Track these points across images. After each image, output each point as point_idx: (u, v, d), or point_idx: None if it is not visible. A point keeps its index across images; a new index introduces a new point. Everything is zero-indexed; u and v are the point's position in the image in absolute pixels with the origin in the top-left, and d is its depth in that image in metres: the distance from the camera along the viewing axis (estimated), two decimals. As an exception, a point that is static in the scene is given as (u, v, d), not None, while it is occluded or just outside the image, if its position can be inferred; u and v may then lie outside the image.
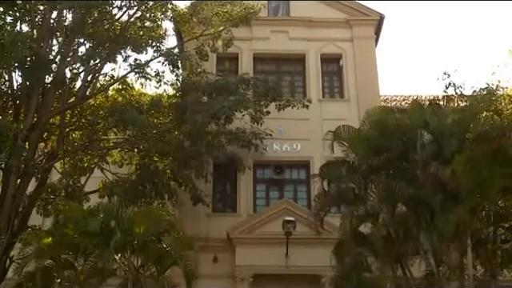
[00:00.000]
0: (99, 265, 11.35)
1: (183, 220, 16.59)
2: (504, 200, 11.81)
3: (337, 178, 13.33)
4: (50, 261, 12.16)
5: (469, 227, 11.21)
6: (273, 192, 19.03)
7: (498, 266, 12.23)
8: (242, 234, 17.10)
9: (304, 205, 17.96)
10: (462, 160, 10.91)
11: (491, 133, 11.47)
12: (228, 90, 16.05)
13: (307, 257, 16.22)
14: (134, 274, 12.12)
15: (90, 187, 16.51)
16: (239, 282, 16.59)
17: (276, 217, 16.91)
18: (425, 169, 11.62)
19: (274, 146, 18.98)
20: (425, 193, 11.46)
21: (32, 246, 12.02)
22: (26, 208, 14.76)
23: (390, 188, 11.92)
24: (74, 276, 12.16)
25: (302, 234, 16.11)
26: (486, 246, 11.98)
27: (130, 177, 16.54)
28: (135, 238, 11.98)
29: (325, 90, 20.63)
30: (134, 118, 14.80)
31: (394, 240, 12.50)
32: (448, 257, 11.28)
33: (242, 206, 18.53)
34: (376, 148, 12.57)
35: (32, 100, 14.86)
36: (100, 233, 11.90)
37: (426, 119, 12.41)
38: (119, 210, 12.51)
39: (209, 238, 17.27)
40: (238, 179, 18.81)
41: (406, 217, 12.50)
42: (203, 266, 16.30)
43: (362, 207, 12.64)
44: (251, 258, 16.57)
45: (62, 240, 12.03)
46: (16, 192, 14.03)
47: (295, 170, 19.37)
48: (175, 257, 12.17)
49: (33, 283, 11.69)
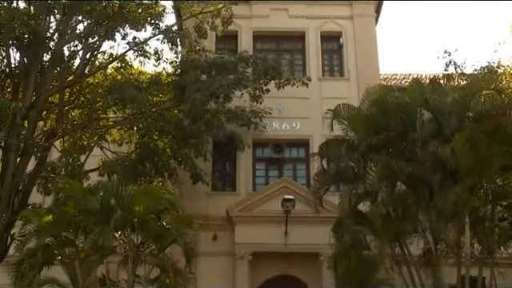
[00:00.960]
0: (99, 242, 11.42)
1: (183, 198, 16.67)
2: (502, 178, 11.84)
3: (336, 156, 13.33)
4: (51, 238, 12.24)
5: (467, 205, 11.26)
6: (272, 170, 19.10)
7: (495, 243, 12.32)
8: (241, 212, 17.19)
9: (303, 183, 18.03)
10: (461, 138, 10.91)
11: (491, 111, 11.45)
12: (227, 69, 15.95)
13: (306, 235, 16.34)
14: (134, 251, 12.22)
15: (90, 166, 16.54)
16: (238, 259, 16.73)
17: (275, 195, 16.98)
18: (424, 147, 11.63)
19: (274, 125, 18.96)
20: (424, 171, 11.49)
21: (33, 224, 12.10)
22: (26, 186, 14.80)
23: (389, 166, 11.93)
24: (74, 253, 12.26)
25: (301, 212, 16.20)
26: (483, 224, 12.06)
27: (129, 155, 16.55)
28: (135, 216, 12.05)
29: (324, 68, 20.53)
30: (133, 97, 14.74)
31: (392, 218, 12.56)
32: (446, 235, 11.36)
33: (241, 185, 18.60)
34: (375, 127, 12.56)
35: (30, 78, 14.77)
36: (100, 211, 11.98)
37: (426, 98, 12.37)
38: (119, 188, 12.57)
39: (208, 216, 17.38)
40: (238, 158, 18.85)
41: (404, 195, 12.55)
42: (203, 243, 16.49)
43: (361, 186, 12.68)
44: (250, 236, 16.68)
45: (63, 218, 12.11)
46: (16, 170, 14.05)
47: (294, 149, 19.39)
48: (175, 235, 12.25)
49: (34, 260, 11.79)
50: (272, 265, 17.16)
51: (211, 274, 16.85)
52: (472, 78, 13.63)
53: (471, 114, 12.09)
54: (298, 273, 17.21)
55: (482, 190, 11.75)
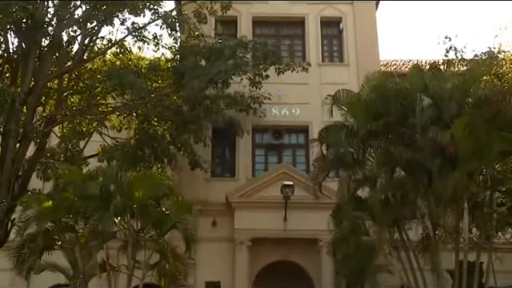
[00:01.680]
0: (99, 228, 11.47)
1: (182, 184, 16.70)
2: (502, 164, 11.86)
3: (336, 142, 13.33)
4: (51, 224, 12.28)
5: (466, 191, 11.29)
6: (271, 156, 19.12)
7: (494, 228, 12.37)
8: (240, 198, 17.23)
9: (303, 169, 18.05)
10: (461, 124, 10.90)
11: (491, 97, 11.43)
12: (226, 54, 15.87)
13: (305, 221, 16.40)
14: (133, 236, 12.28)
15: (89, 152, 16.53)
16: (238, 245, 16.80)
17: (275, 181, 17.01)
18: (424, 133, 11.62)
19: (273, 111, 18.94)
20: (423, 157, 11.49)
21: (33, 209, 12.13)
22: (25, 172, 14.81)
23: (388, 152, 11.94)
24: (74, 239, 12.31)
25: (301, 198, 16.24)
26: (482, 210, 12.10)
27: (128, 141, 16.55)
28: (135, 202, 12.09)
29: (324, 53, 20.45)
30: (132, 82, 14.68)
31: (391, 204, 12.57)
32: (445, 220, 11.38)
33: (240, 171, 18.63)
34: (375, 112, 12.54)
35: (29, 63, 14.71)
36: (99, 196, 12.01)
37: (426, 83, 12.33)
38: (118, 174, 12.60)
39: (208, 202, 17.43)
40: (237, 144, 18.86)
41: (404, 181, 12.57)
42: (202, 229, 16.52)
43: (360, 171, 12.69)
44: (250, 222, 16.74)
45: (62, 203, 12.15)
46: (15, 156, 14.05)
47: (294, 135, 19.39)
48: (174, 220, 12.32)
49: (34, 245, 11.84)
50: (271, 250, 17.24)
51: (211, 260, 16.96)
52: (472, 64, 13.56)
53: (471, 99, 12.07)
54: (298, 258, 17.30)
55: (481, 176, 11.78)
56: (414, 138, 12.08)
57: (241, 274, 16.59)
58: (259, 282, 17.36)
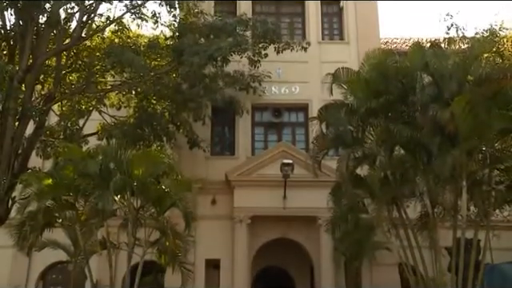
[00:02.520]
0: (99, 206, 11.50)
1: (182, 163, 16.74)
2: (501, 142, 11.85)
3: (335, 120, 13.31)
4: (51, 201, 12.32)
5: (465, 169, 11.31)
6: (271, 135, 19.15)
7: (491, 206, 12.44)
8: (240, 176, 17.28)
9: (302, 148, 18.08)
10: (461, 102, 10.86)
11: (492, 75, 11.36)
12: (226, 32, 15.75)
13: (305, 199, 16.49)
14: (133, 214, 12.33)
15: (89, 130, 16.54)
16: (237, 223, 16.91)
17: (274, 159, 17.05)
18: (423, 111, 11.61)
19: (273, 89, 18.90)
20: (423, 135, 11.49)
21: (33, 187, 12.15)
22: (25, 150, 14.81)
23: (388, 130, 11.92)
24: (74, 216, 12.37)
25: (300, 176, 16.28)
26: (480, 188, 12.15)
27: (128, 119, 16.52)
28: (134, 180, 12.11)
29: (324, 32, 20.30)
30: (131, 60, 14.58)
31: (390, 182, 12.63)
32: (443, 198, 11.43)
33: (240, 149, 18.66)
34: (375, 90, 12.50)
35: (26, 41, 14.57)
36: (99, 174, 12.04)
37: (427, 61, 12.24)
38: (118, 152, 12.60)
39: (207, 180, 17.46)
40: (237, 122, 18.85)
41: (403, 159, 12.58)
42: (202, 207, 16.60)
43: (359, 150, 12.69)
44: (249, 200, 16.83)
45: (62, 181, 12.17)
46: (15, 134, 14.03)
47: (293, 113, 19.38)
48: (174, 198, 12.34)
49: (35, 222, 11.90)
50: (270, 228, 17.36)
51: (210, 238, 17.08)
52: (473, 41, 13.43)
53: (471, 77, 12.01)
54: (297, 236, 17.43)
55: (480, 154, 11.79)
56: (414, 116, 12.07)
57: (240, 251, 16.73)
58: (258, 260, 17.53)
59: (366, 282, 16.95)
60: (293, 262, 18.96)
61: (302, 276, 19.14)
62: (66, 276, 18.62)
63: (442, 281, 11.55)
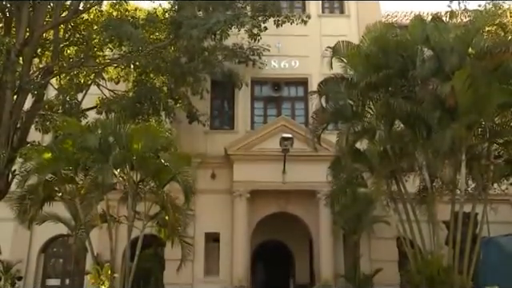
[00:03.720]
0: (99, 179, 11.50)
1: (181, 137, 16.72)
2: (501, 116, 11.82)
3: (335, 94, 13.27)
4: (51, 175, 12.34)
5: (464, 143, 11.31)
6: (270, 109, 19.12)
7: (490, 180, 12.48)
8: (239, 150, 17.29)
9: (302, 122, 18.07)
10: (461, 76, 10.80)
11: (494, 48, 11.25)
12: (225, 4, 15.55)
13: (304, 173, 16.54)
14: (133, 188, 12.36)
15: (87, 104, 16.47)
16: (237, 197, 17.00)
17: (273, 134, 17.05)
18: (424, 85, 11.55)
19: (272, 63, 18.80)
20: (422, 109, 11.45)
21: (32, 161, 12.14)
22: (24, 124, 14.77)
23: (387, 105, 11.88)
24: (74, 190, 12.39)
25: (299, 150, 16.31)
26: (479, 162, 12.17)
27: (126, 94, 16.44)
28: (134, 154, 12.10)
29: (324, 5, 20.11)
30: (129, 33, 14.43)
31: (389, 156, 12.65)
32: (442, 172, 11.46)
33: (239, 123, 18.65)
34: (375, 64, 12.41)
35: (22, 13, 14.39)
36: (99, 148, 12.02)
37: (427, 35, 12.13)
38: (117, 126, 12.55)
39: (207, 154, 17.51)
40: (236, 96, 18.80)
41: (402, 133, 12.59)
42: (201, 181, 16.66)
43: (359, 124, 12.68)
44: (249, 174, 16.87)
45: (62, 155, 12.17)
46: (13, 108, 13.97)
47: (293, 87, 19.32)
48: (174, 172, 12.34)
49: (35, 196, 11.93)
50: (270, 202, 17.46)
51: (210, 212, 17.20)
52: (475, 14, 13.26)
53: (473, 51, 11.91)
54: (296, 210, 17.54)
55: (480, 128, 11.77)
56: (414, 90, 12.00)
57: (240, 225, 16.86)
58: (258, 233, 17.68)
59: (365, 255, 17.12)
60: (292, 235, 19.12)
61: (300, 249, 19.35)
62: (67, 249, 18.85)
63: (439, 254, 11.66)
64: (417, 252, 12.21)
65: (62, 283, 19.08)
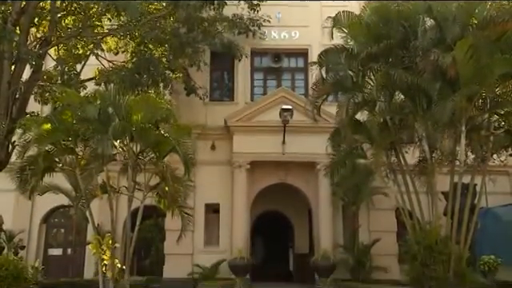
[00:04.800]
0: (99, 150, 11.47)
1: (181, 109, 16.69)
2: (502, 87, 11.74)
3: (335, 65, 13.17)
4: (51, 146, 12.32)
5: (464, 114, 11.27)
6: (270, 80, 19.05)
7: (489, 151, 12.49)
8: (239, 122, 17.29)
9: (301, 93, 18.03)
10: (463, 46, 10.68)
11: (497, 18, 11.10)
12: (224, -26, 15.32)
13: (303, 144, 16.57)
14: (133, 159, 12.34)
15: (86, 75, 16.35)
16: (236, 168, 17.07)
17: (273, 105, 17.02)
18: (425, 56, 11.43)
19: (272, 34, 18.65)
20: (423, 80, 11.37)
21: (32, 132, 12.10)
22: (23, 94, 14.69)
23: (388, 75, 11.79)
24: (74, 161, 12.39)
25: (299, 122, 16.32)
26: (479, 133, 12.14)
27: (125, 65, 16.31)
28: (133, 125, 12.05)
29: (325, -27, 19.75)
30: (126, 3, 14.21)
31: (389, 127, 12.64)
32: (442, 143, 11.45)
33: (239, 95, 18.60)
34: (376, 35, 12.29)
35: (18, -19, 14.16)
36: (98, 119, 11.95)
37: (430, 4, 11.94)
38: (116, 97, 12.45)
39: (206, 126, 17.50)
40: (236, 67, 18.71)
41: (402, 105, 12.55)
42: (201, 153, 16.70)
43: (359, 95, 12.63)
44: (248, 146, 16.91)
45: (61, 126, 12.10)
46: (11, 78, 13.87)
47: (293, 58, 19.20)
48: (173, 143, 12.31)
49: (35, 167, 11.94)
50: (269, 173, 17.55)
51: (210, 183, 17.30)
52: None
53: (476, 20, 11.75)
54: (295, 181, 17.64)
55: (481, 100, 11.71)
56: (415, 61, 11.90)
57: (240, 196, 16.97)
58: (258, 204, 17.81)
59: (364, 226, 17.29)
60: (291, 206, 19.28)
61: (300, 220, 19.54)
62: (68, 219, 19.03)
63: (437, 224, 11.75)
64: (415, 222, 12.30)
65: (64, 253, 19.34)
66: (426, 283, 11.11)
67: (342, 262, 16.44)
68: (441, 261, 11.12)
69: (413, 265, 11.76)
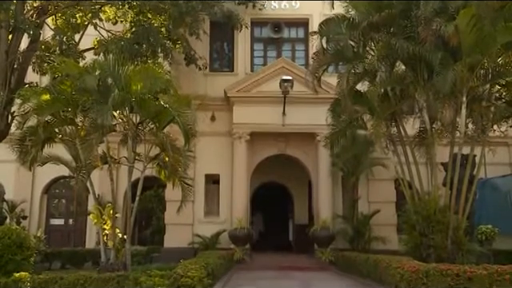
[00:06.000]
0: (98, 121, 11.44)
1: (180, 79, 16.56)
2: (504, 57, 11.65)
3: (336, 35, 13.01)
4: (51, 117, 12.29)
5: (466, 85, 11.21)
6: (270, 51, 18.91)
7: (490, 122, 12.47)
8: (239, 92, 17.23)
9: (302, 64, 17.89)
10: (466, 15, 10.55)
11: (500, -14, 10.96)
12: None
13: (303, 115, 16.55)
14: (133, 129, 12.32)
15: (85, 46, 16.21)
16: (236, 139, 17.08)
17: (273, 76, 16.93)
18: (427, 25, 11.29)
19: (272, 4, 18.50)
20: (425, 50, 11.26)
21: (31, 102, 12.04)
22: (21, 64, 14.58)
23: (389, 45, 11.71)
24: (74, 131, 12.37)
25: (299, 92, 16.25)
26: (480, 103, 12.10)
27: (124, 34, 16.14)
28: (133, 96, 11.99)
29: None
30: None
31: (390, 98, 12.60)
32: (442, 114, 11.41)
33: (239, 65, 18.48)
34: (377, 4, 12.17)
35: None
36: (97, 90, 11.88)
37: (433, -28, 11.75)
38: (115, 67, 12.34)
39: (206, 96, 17.41)
40: (236, 38, 18.54)
41: (403, 75, 12.47)
42: (201, 124, 16.55)
43: (360, 65, 12.55)
44: (248, 117, 16.88)
45: (60, 97, 12.04)
46: (9, 48, 13.74)
47: (293, 29, 19.01)
48: (173, 114, 12.27)
49: (36, 137, 11.92)
50: (269, 145, 17.58)
51: (210, 154, 17.33)
52: None
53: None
54: (295, 152, 17.68)
55: (482, 70, 11.63)
56: (417, 30, 11.76)
57: (239, 167, 17.02)
58: (257, 175, 17.88)
59: (363, 197, 17.40)
60: (291, 177, 19.38)
61: (299, 191, 19.67)
62: (68, 190, 19.13)
63: (436, 194, 11.82)
64: (414, 193, 12.37)
65: (66, 223, 19.52)
66: (424, 252, 11.25)
67: (341, 232, 16.60)
68: (439, 230, 11.24)
69: (411, 234, 11.88)
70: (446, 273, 9.15)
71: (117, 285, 9.70)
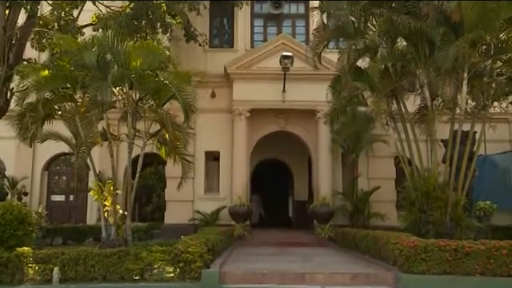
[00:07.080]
0: (98, 98, 11.39)
1: (180, 56, 16.38)
2: (506, 32, 11.53)
3: (337, 11, 12.88)
4: (50, 93, 12.23)
5: (467, 60, 11.12)
6: (271, 27, 18.76)
7: (490, 98, 12.43)
8: (239, 69, 17.14)
9: (302, 40, 17.76)
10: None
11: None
12: None
13: (304, 92, 16.49)
14: (132, 106, 12.27)
15: (83, 21, 16.04)
16: (236, 116, 17.05)
17: (274, 52, 16.82)
18: (429, 1, 11.18)
19: (273, -21, 18.19)
20: (426, 26, 11.16)
21: (30, 79, 11.97)
22: (19, 40, 14.43)
23: (390, 21, 11.59)
24: (74, 108, 12.33)
25: (300, 69, 16.16)
26: (481, 80, 12.04)
27: (123, 10, 15.96)
28: (132, 72, 11.91)
29: None
30: None
31: (391, 74, 12.53)
32: (443, 90, 11.36)
33: (239, 42, 18.34)
34: (379, -21, 12.00)
35: None
36: (96, 66, 11.78)
37: None
38: (114, 43, 12.24)
39: (206, 73, 17.34)
40: (235, 14, 18.36)
41: (404, 51, 12.38)
42: (201, 100, 16.45)
43: (361, 41, 12.41)
44: (248, 93, 16.83)
45: (59, 73, 11.96)
46: (6, 23, 13.60)
47: (294, 4, 18.84)
48: (173, 90, 12.21)
49: (35, 114, 11.88)
50: (269, 121, 17.57)
51: (210, 130, 17.33)
52: None
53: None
54: (295, 129, 17.67)
55: (484, 46, 11.53)
56: (418, 6, 11.64)
57: (240, 144, 17.03)
58: (257, 152, 17.90)
59: (363, 174, 17.44)
60: (291, 154, 19.42)
61: (299, 168, 19.73)
62: (69, 167, 19.18)
63: (435, 171, 11.85)
64: (414, 170, 12.40)
65: (66, 199, 19.63)
66: (423, 228, 11.32)
67: (341, 208, 16.69)
68: (438, 207, 11.29)
69: (410, 211, 11.95)
70: (445, 248, 9.26)
71: (118, 259, 9.79)
